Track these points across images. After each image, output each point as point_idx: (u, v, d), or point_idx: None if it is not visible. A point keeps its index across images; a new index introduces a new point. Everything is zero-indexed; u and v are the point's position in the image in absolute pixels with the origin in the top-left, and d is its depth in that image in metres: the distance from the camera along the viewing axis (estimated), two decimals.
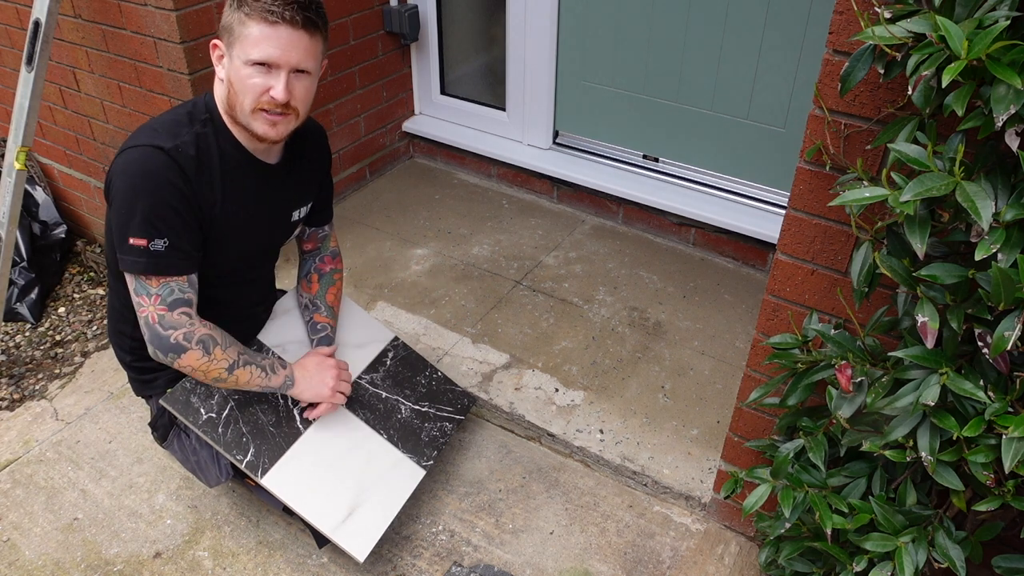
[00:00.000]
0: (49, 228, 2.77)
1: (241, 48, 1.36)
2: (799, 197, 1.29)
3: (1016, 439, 0.94)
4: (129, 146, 1.41)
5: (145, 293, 1.43)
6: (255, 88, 1.38)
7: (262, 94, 1.38)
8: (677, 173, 2.69)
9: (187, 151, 1.41)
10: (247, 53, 1.35)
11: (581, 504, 1.89)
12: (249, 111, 1.41)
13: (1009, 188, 0.94)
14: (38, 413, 2.19)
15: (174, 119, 1.45)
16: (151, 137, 1.40)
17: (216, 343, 1.49)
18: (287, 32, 1.35)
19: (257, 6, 1.33)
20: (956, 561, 1.12)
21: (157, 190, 1.37)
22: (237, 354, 1.53)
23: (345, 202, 2.95)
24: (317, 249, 1.84)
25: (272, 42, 1.34)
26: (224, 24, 1.39)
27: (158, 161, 1.38)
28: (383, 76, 2.94)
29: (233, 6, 1.36)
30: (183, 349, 1.45)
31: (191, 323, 1.46)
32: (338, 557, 1.77)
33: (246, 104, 1.40)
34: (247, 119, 1.42)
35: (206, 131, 1.45)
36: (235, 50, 1.37)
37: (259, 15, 1.33)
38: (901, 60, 0.97)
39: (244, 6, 1.34)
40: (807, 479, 1.27)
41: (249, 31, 1.34)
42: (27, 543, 1.82)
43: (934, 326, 1.00)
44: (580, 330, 2.33)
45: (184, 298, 1.45)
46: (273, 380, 1.60)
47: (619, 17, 2.51)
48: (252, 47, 1.35)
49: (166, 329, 1.44)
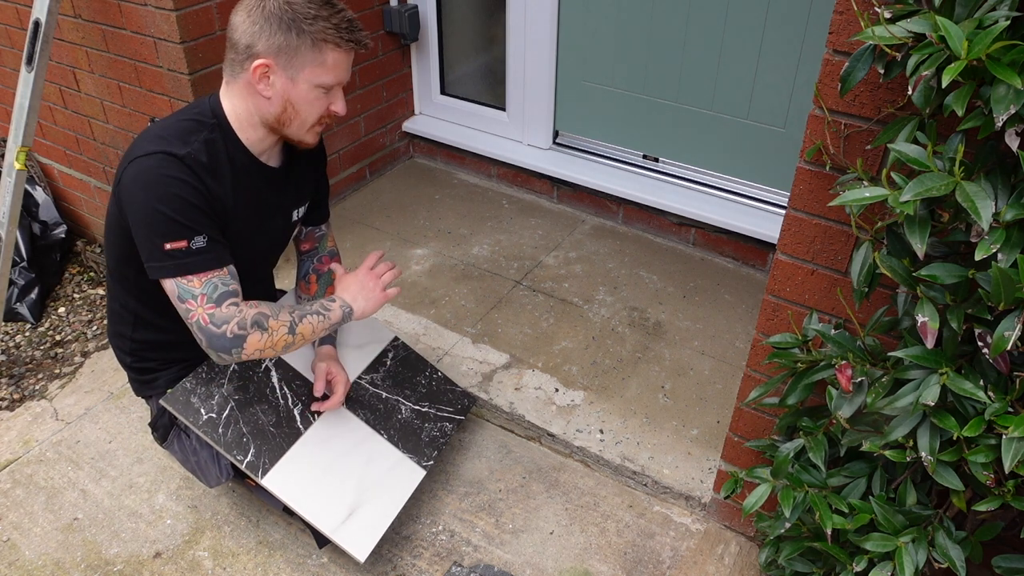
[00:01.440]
0: (49, 228, 2.77)
1: (312, 73, 1.39)
2: (799, 197, 1.29)
3: (1016, 439, 0.94)
4: (140, 154, 1.38)
5: (191, 296, 1.40)
6: (321, 107, 1.45)
7: (325, 111, 1.46)
8: (677, 173, 2.69)
9: (199, 158, 1.40)
10: (319, 78, 1.40)
11: (581, 504, 1.89)
12: (308, 127, 1.47)
13: (1009, 188, 0.94)
14: (38, 413, 2.19)
15: (182, 125, 1.44)
16: (161, 144, 1.39)
17: (268, 316, 1.46)
18: (352, 56, 1.44)
19: (332, 34, 1.37)
20: (956, 561, 1.12)
21: (179, 193, 1.37)
22: (290, 314, 1.50)
23: (345, 202, 2.95)
24: (315, 249, 1.84)
25: (344, 67, 1.43)
26: (278, 45, 1.36)
27: (174, 165, 1.37)
28: (383, 76, 2.94)
29: (292, 31, 1.35)
30: (243, 338, 1.42)
31: (240, 310, 1.43)
32: (338, 557, 1.77)
33: (309, 121, 1.46)
34: (303, 134, 1.48)
35: (214, 136, 1.44)
36: (302, 73, 1.39)
37: (335, 42, 1.38)
38: (901, 60, 0.97)
39: (312, 32, 1.36)
40: (807, 479, 1.27)
41: (324, 57, 1.38)
42: (27, 543, 1.82)
43: (934, 326, 1.00)
44: (580, 330, 2.33)
45: (229, 290, 1.44)
46: (332, 317, 1.57)
47: (619, 17, 2.51)
48: (327, 73, 1.40)
49: (219, 326, 1.40)
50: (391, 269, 1.68)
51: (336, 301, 1.60)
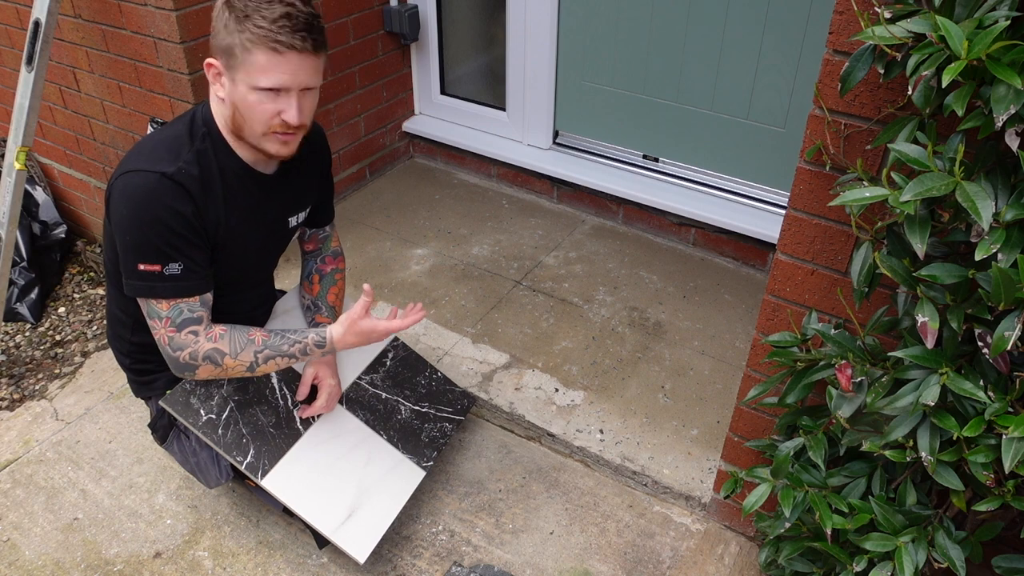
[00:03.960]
0: (49, 228, 2.77)
1: (246, 74, 1.30)
2: (799, 197, 1.29)
3: (1016, 439, 0.94)
4: (130, 169, 1.38)
5: (156, 316, 1.43)
6: (265, 112, 1.35)
7: (273, 118, 1.36)
8: (677, 173, 2.69)
9: (191, 171, 1.39)
10: (254, 80, 1.30)
11: (581, 504, 1.89)
12: (260, 134, 1.38)
13: (1009, 188, 0.94)
14: (38, 413, 2.19)
15: (174, 136, 1.43)
16: (152, 161, 1.38)
17: (224, 354, 1.47)
18: (295, 58, 1.30)
19: (260, 33, 1.27)
20: (956, 561, 1.12)
21: (163, 218, 1.36)
22: (254, 354, 1.49)
23: (345, 202, 2.95)
24: (318, 250, 1.84)
25: (281, 68, 1.30)
26: (221, 45, 1.31)
27: (162, 188, 1.36)
28: (383, 76, 2.94)
29: (229, 27, 1.28)
30: (193, 367, 1.47)
31: (196, 341, 1.45)
32: (338, 557, 1.77)
33: (257, 128, 1.37)
34: (258, 140, 1.40)
35: (205, 147, 1.43)
36: (238, 75, 1.31)
37: (264, 44, 1.27)
38: (901, 60, 0.97)
39: (245, 31, 1.27)
40: (807, 479, 1.27)
41: (255, 58, 1.29)
42: (27, 543, 1.82)
43: (934, 326, 1.00)
44: (580, 330, 2.33)
45: (193, 317, 1.44)
46: (305, 360, 1.58)
47: (619, 17, 2.51)
48: (260, 75, 1.30)
49: (175, 351, 1.45)
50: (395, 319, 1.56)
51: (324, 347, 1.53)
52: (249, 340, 1.49)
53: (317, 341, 1.52)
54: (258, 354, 1.50)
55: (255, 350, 1.49)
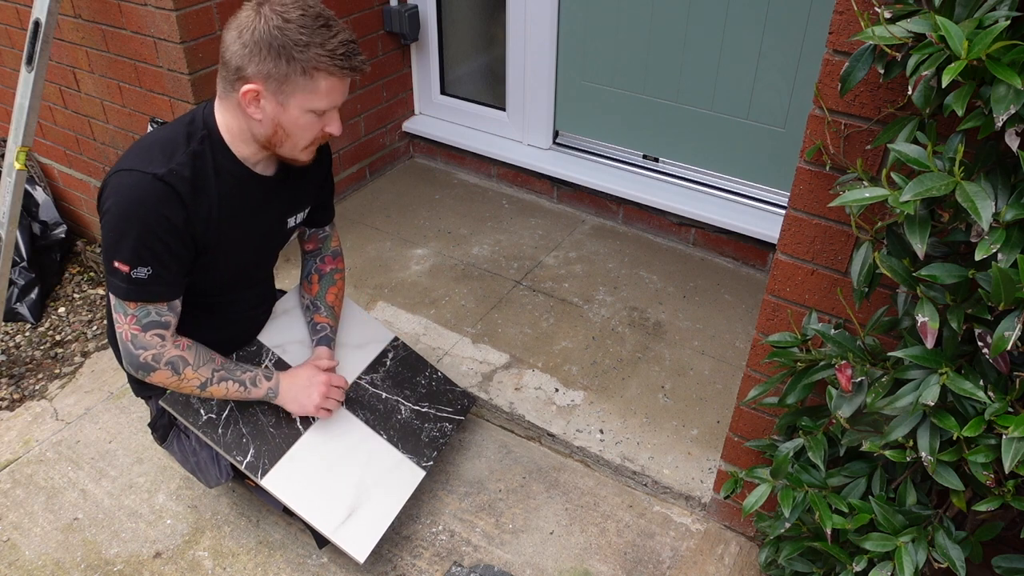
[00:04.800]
0: (49, 228, 2.77)
1: (305, 98, 1.36)
2: (799, 197, 1.29)
3: (1016, 439, 0.94)
4: (123, 168, 1.38)
5: (122, 312, 1.44)
6: (314, 130, 1.42)
7: (319, 134, 1.43)
8: (677, 173, 2.69)
9: (182, 173, 1.39)
10: (312, 103, 1.36)
11: (581, 504, 1.89)
12: (302, 149, 1.45)
13: (1009, 188, 0.94)
14: (38, 413, 2.19)
15: (171, 137, 1.43)
16: (145, 161, 1.38)
17: (187, 363, 1.50)
18: (348, 81, 1.39)
19: (326, 61, 1.32)
20: (956, 561, 1.12)
21: (147, 220, 1.36)
22: (211, 371, 1.54)
23: (345, 202, 2.95)
24: (318, 250, 1.84)
25: (338, 92, 1.39)
26: (267, 71, 1.32)
27: (152, 190, 1.36)
28: (383, 76, 2.94)
29: (281, 58, 1.31)
30: (152, 368, 1.48)
31: (163, 344, 1.47)
32: (338, 557, 1.77)
33: (301, 144, 1.43)
34: (296, 154, 1.46)
35: (202, 148, 1.43)
36: (294, 99, 1.35)
37: (330, 69, 1.33)
38: (901, 60, 0.97)
39: (303, 59, 1.31)
40: (807, 479, 1.27)
41: (318, 84, 1.34)
42: (27, 543, 1.82)
43: (934, 326, 1.00)
44: (580, 330, 2.33)
45: (160, 320, 1.46)
46: (253, 393, 1.60)
47: (619, 17, 2.51)
48: (321, 99, 1.36)
49: (137, 348, 1.46)
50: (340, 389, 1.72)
51: (271, 381, 1.63)
52: (210, 358, 1.55)
53: (266, 375, 1.63)
54: (215, 372, 1.55)
55: (213, 368, 1.55)
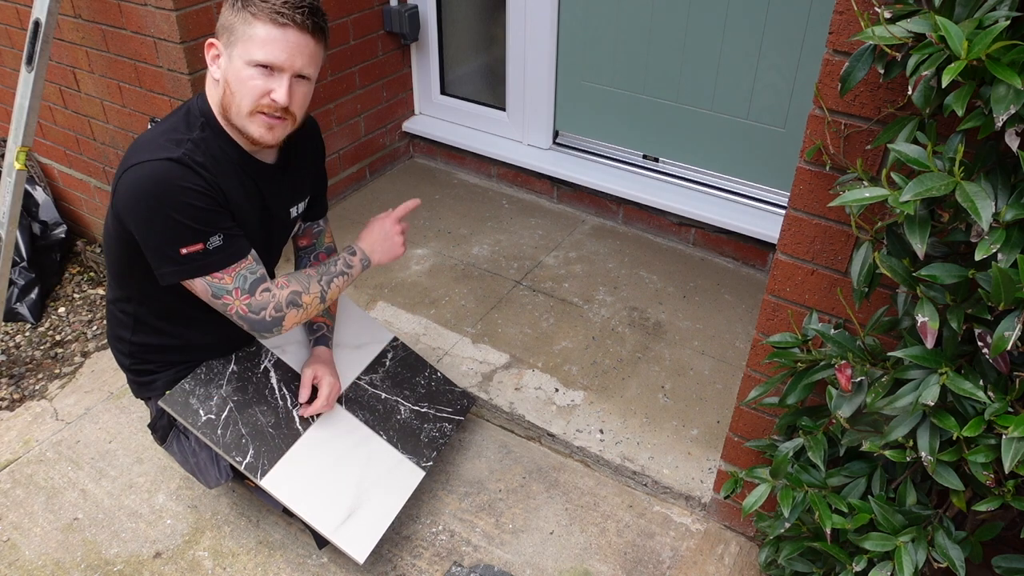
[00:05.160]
0: (49, 228, 2.77)
1: (244, 48, 1.33)
2: (799, 197, 1.29)
3: (1016, 439, 0.94)
4: (134, 163, 1.37)
5: (225, 292, 1.44)
6: (255, 90, 1.36)
7: (262, 96, 1.37)
8: (677, 173, 2.69)
9: (195, 157, 1.39)
10: (250, 53, 1.33)
11: (581, 504, 1.89)
12: (247, 113, 1.39)
13: (1009, 188, 0.94)
14: (38, 413, 2.19)
15: (171, 128, 1.43)
16: (155, 151, 1.37)
17: (300, 293, 1.52)
18: (295, 35, 1.34)
19: (266, 6, 1.31)
20: (956, 561, 1.12)
21: (182, 196, 1.35)
22: (318, 283, 1.56)
23: (345, 202, 2.95)
24: (312, 246, 1.84)
25: (279, 44, 1.33)
26: (224, 23, 1.36)
27: (171, 170, 1.36)
28: (383, 76, 2.94)
29: (236, 6, 1.33)
30: (279, 319, 1.49)
31: (273, 294, 1.49)
32: (338, 557, 1.77)
33: (244, 106, 1.38)
34: (243, 121, 1.40)
35: (205, 135, 1.43)
36: (236, 49, 1.34)
37: (267, 15, 1.31)
38: (901, 60, 0.97)
39: (251, 5, 1.32)
40: (807, 479, 1.27)
41: (255, 31, 1.32)
42: (27, 543, 1.82)
43: (934, 326, 1.00)
44: (580, 330, 2.33)
45: (258, 275, 1.47)
46: (353, 273, 1.64)
47: (619, 17, 2.51)
48: (257, 48, 1.33)
49: (257, 313, 1.47)
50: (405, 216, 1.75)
51: (356, 255, 1.65)
52: (307, 275, 1.56)
53: (348, 253, 1.64)
54: (321, 281, 1.57)
55: (316, 280, 1.56)
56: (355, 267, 1.64)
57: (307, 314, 1.54)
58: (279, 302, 1.49)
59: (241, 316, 1.46)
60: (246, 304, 1.45)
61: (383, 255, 1.69)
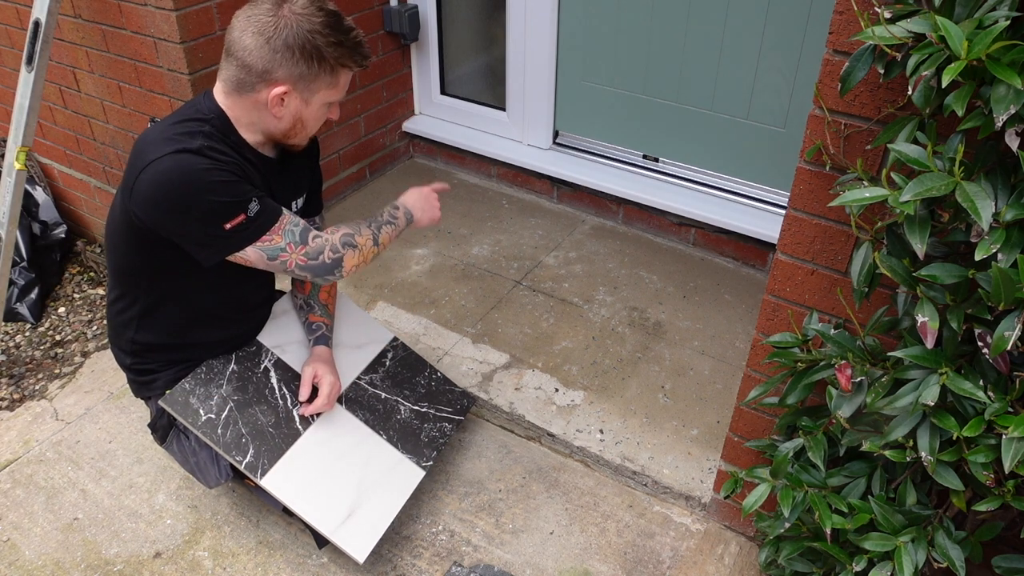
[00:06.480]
0: (49, 228, 2.77)
1: (327, 93, 1.46)
2: (799, 197, 1.29)
3: (1016, 439, 0.94)
4: (154, 158, 1.36)
5: (279, 251, 1.47)
6: (324, 118, 1.52)
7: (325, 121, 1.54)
8: (677, 173, 2.69)
9: (213, 145, 1.41)
10: (332, 97, 1.47)
11: (581, 504, 1.89)
12: (307, 136, 1.54)
13: (1009, 188, 0.94)
14: (38, 413, 2.19)
15: (182, 125, 1.43)
16: (170, 144, 1.37)
17: (352, 234, 1.57)
18: None
19: (347, 54, 1.42)
20: (956, 561, 1.12)
21: (213, 177, 1.37)
22: (368, 228, 1.61)
23: (345, 202, 2.95)
24: None
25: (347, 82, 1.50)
26: (299, 73, 1.40)
27: (191, 159, 1.37)
28: (383, 76, 2.94)
29: (314, 59, 1.39)
30: (339, 260, 1.53)
31: (326, 238, 1.53)
32: (338, 557, 1.77)
33: (311, 132, 1.54)
34: (302, 141, 1.55)
35: (215, 132, 1.44)
36: (317, 96, 1.45)
37: (350, 65, 1.45)
38: (901, 60, 0.97)
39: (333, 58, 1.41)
40: (807, 479, 1.27)
41: (339, 79, 1.45)
42: (27, 543, 1.82)
43: (934, 326, 1.00)
44: (580, 330, 2.33)
45: (303, 226, 1.51)
46: (400, 224, 1.69)
47: (619, 17, 2.51)
48: (338, 92, 1.48)
49: (315, 259, 1.51)
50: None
51: (400, 209, 1.70)
52: (355, 222, 1.61)
53: (392, 209, 1.70)
54: (372, 227, 1.62)
55: (365, 225, 1.61)
56: (400, 219, 1.68)
57: (363, 257, 1.57)
58: (334, 244, 1.53)
59: (301, 267, 1.50)
60: (303, 254, 1.49)
61: (423, 215, 1.74)
